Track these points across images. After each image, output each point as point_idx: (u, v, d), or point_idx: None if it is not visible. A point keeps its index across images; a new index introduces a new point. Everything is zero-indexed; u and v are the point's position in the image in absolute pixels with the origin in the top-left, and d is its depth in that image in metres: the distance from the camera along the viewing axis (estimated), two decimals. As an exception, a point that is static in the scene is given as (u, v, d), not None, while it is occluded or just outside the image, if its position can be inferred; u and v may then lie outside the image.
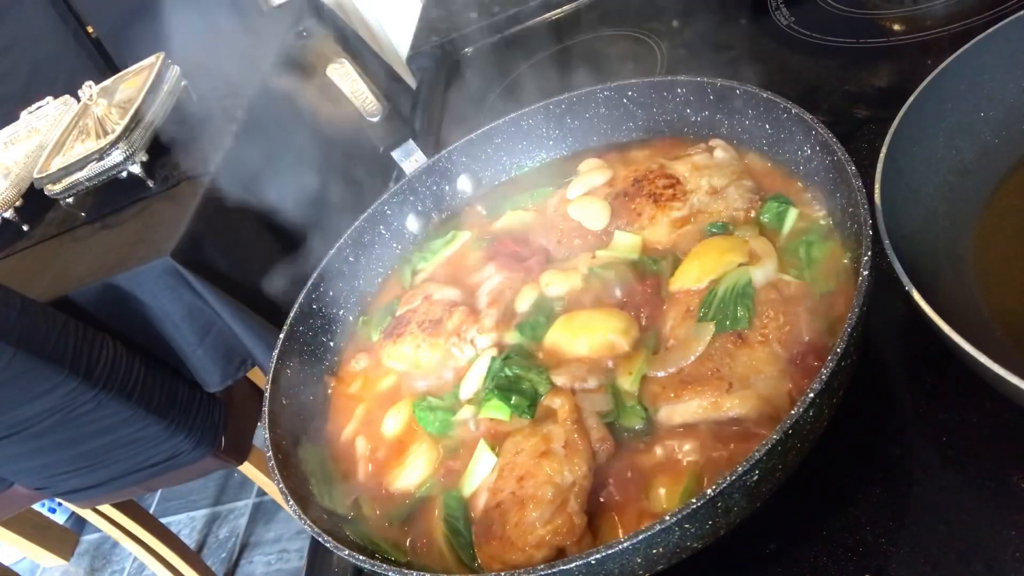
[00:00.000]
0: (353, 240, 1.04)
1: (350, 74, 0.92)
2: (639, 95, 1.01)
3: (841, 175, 0.74)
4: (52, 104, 2.45)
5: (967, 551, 0.63)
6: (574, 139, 1.09)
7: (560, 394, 0.76)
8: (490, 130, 1.09)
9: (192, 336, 1.88)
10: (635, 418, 0.74)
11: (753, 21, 1.31)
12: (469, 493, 0.75)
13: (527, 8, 1.70)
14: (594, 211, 0.95)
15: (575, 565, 0.58)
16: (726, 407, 0.69)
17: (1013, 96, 0.84)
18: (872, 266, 0.65)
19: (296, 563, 2.66)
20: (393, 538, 0.77)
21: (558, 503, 0.68)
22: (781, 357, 0.71)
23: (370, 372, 0.95)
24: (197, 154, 2.05)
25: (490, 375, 0.83)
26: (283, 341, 0.91)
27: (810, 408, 0.59)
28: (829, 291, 0.75)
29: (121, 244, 1.89)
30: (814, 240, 0.80)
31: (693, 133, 0.99)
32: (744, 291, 0.76)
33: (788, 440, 0.59)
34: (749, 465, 0.57)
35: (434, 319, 0.90)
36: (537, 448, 0.72)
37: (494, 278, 0.94)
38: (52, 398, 1.67)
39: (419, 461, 0.81)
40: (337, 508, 0.80)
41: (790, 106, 0.83)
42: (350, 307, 1.03)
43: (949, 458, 0.69)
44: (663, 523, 0.57)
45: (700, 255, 0.82)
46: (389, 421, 0.86)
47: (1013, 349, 0.70)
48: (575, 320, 0.83)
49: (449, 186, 1.11)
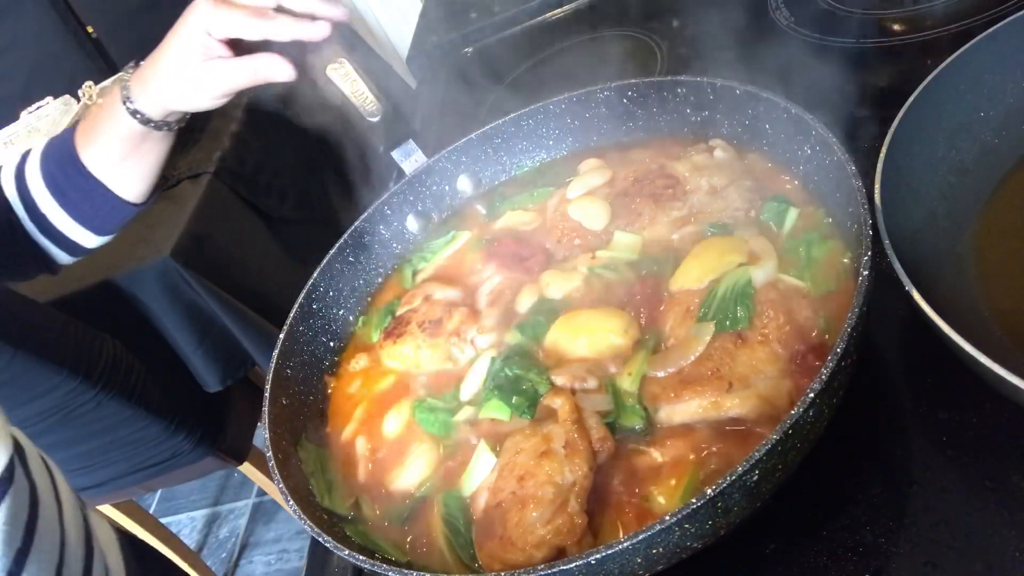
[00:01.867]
0: (353, 240, 1.04)
1: (350, 74, 0.91)
2: (639, 95, 1.01)
3: (841, 175, 0.74)
4: (52, 104, 2.45)
5: (967, 551, 0.63)
6: (574, 139, 1.09)
7: (560, 394, 0.76)
8: (490, 130, 1.09)
9: (192, 336, 1.88)
10: (635, 418, 0.74)
11: (753, 21, 1.31)
12: (469, 493, 0.75)
13: (527, 8, 1.70)
14: (594, 211, 0.95)
15: (575, 565, 0.58)
16: (726, 407, 0.69)
17: (1013, 96, 0.84)
18: (872, 266, 0.65)
19: (296, 563, 2.66)
20: (393, 538, 0.77)
21: (558, 503, 0.68)
22: (781, 357, 0.71)
23: (370, 372, 0.95)
24: (197, 154, 2.05)
25: (490, 375, 0.83)
26: (283, 341, 0.91)
27: (810, 408, 0.59)
28: (829, 291, 0.75)
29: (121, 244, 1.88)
30: (814, 240, 0.80)
31: (693, 133, 0.99)
32: (744, 291, 0.76)
33: (788, 440, 0.59)
34: (749, 465, 0.57)
35: (434, 319, 0.90)
36: (537, 448, 0.72)
37: (494, 278, 0.94)
38: (52, 398, 1.67)
39: (419, 461, 0.81)
40: (337, 508, 0.80)
41: (790, 106, 0.83)
42: (350, 307, 1.03)
43: (949, 458, 0.69)
44: (663, 523, 0.57)
45: (700, 255, 0.82)
46: (389, 421, 0.86)
47: (1013, 349, 0.70)
48: (575, 320, 0.83)
49: (449, 186, 1.11)
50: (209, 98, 0.93)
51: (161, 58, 0.92)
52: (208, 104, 0.95)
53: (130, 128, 0.96)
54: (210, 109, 0.96)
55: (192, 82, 0.91)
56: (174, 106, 0.95)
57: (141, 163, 1.01)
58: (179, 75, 0.91)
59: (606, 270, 0.87)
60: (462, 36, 1.77)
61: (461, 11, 1.84)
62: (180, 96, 0.93)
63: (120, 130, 0.97)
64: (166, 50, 0.91)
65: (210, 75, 0.90)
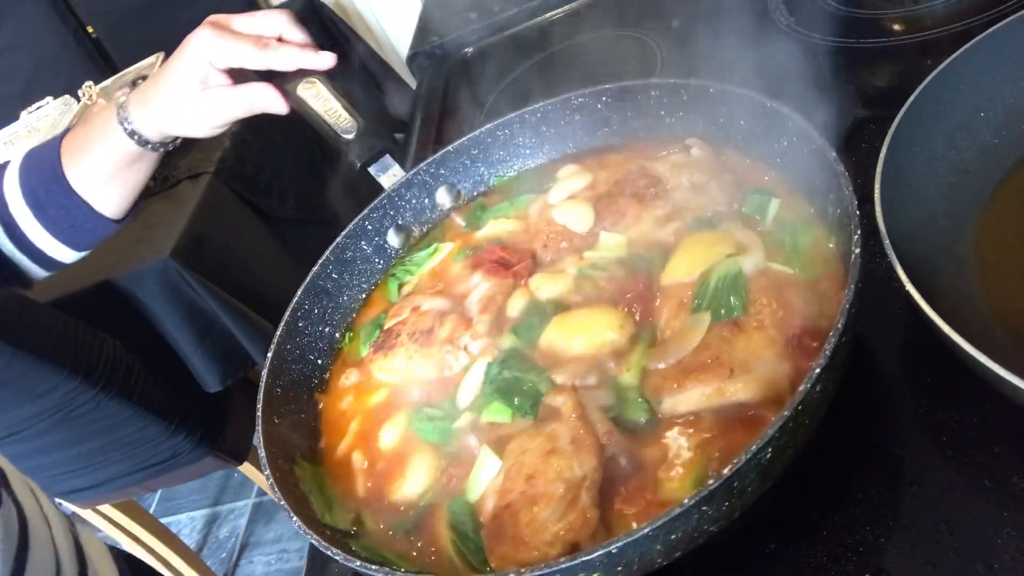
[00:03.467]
0: (335, 257, 1.03)
1: (321, 93, 0.92)
2: (613, 100, 1.02)
3: (821, 162, 0.75)
4: (52, 104, 2.45)
5: (967, 551, 0.63)
6: (550, 147, 1.10)
7: (562, 392, 0.76)
8: (467, 141, 1.09)
9: (192, 336, 1.88)
10: (639, 411, 0.74)
11: (753, 21, 1.31)
12: (475, 498, 0.75)
13: (527, 8, 1.70)
14: (579, 214, 0.95)
15: (596, 555, 0.58)
16: (730, 392, 0.70)
17: (1013, 96, 0.84)
18: (863, 244, 0.66)
19: (296, 563, 2.66)
20: (399, 549, 0.76)
21: (569, 499, 0.68)
22: (778, 341, 0.72)
23: (361, 387, 0.94)
24: (197, 154, 2.05)
25: (488, 379, 0.83)
26: (271, 360, 0.90)
27: (816, 383, 0.60)
28: (817, 276, 0.76)
29: (121, 244, 1.89)
30: (798, 228, 0.81)
31: (668, 135, 0.99)
32: (736, 280, 0.77)
33: (798, 416, 0.60)
34: (763, 442, 0.58)
35: (425, 329, 0.90)
36: (543, 447, 0.72)
37: (482, 285, 0.94)
38: (52, 398, 1.67)
39: (420, 471, 0.80)
40: (339, 524, 0.80)
41: (765, 100, 0.83)
42: (335, 324, 1.03)
43: (949, 458, 0.69)
44: (682, 507, 0.57)
45: (689, 248, 0.83)
46: (386, 434, 0.86)
47: (1013, 349, 0.70)
48: (570, 320, 0.83)
49: (428, 199, 1.10)
50: (206, 127, 0.93)
51: (161, 83, 0.92)
52: (204, 132, 0.94)
53: (125, 148, 0.95)
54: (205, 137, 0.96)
55: (190, 110, 0.91)
56: (170, 131, 0.95)
57: (128, 182, 1.00)
58: (178, 102, 0.91)
59: (595, 270, 0.87)
60: (462, 36, 1.77)
61: (461, 11, 1.84)
62: (176, 122, 0.93)
63: (114, 150, 0.95)
64: (167, 75, 0.91)
65: (208, 104, 0.90)
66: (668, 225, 0.89)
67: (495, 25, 1.73)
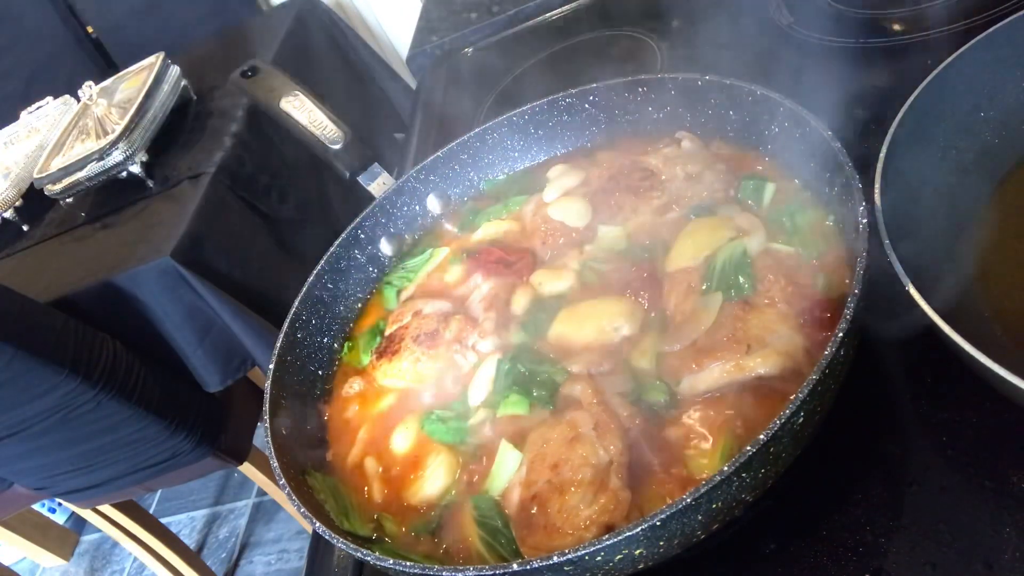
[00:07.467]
0: (330, 267, 1.02)
1: (305, 105, 0.91)
2: (600, 99, 1.02)
3: (815, 142, 0.76)
4: (52, 104, 2.45)
5: (967, 551, 0.63)
6: (539, 148, 1.10)
7: (579, 380, 0.77)
8: (455, 147, 1.09)
9: (192, 336, 1.88)
10: (658, 392, 0.74)
11: (753, 21, 1.31)
12: (499, 492, 0.74)
13: (527, 8, 1.70)
14: (576, 209, 0.96)
15: (641, 530, 0.58)
16: (750, 367, 0.71)
17: (1013, 96, 0.84)
18: (869, 216, 0.68)
19: (296, 563, 2.66)
20: (424, 550, 0.75)
21: (599, 483, 0.68)
22: (790, 315, 0.73)
23: (366, 394, 0.93)
24: (197, 154, 2.05)
25: (501, 375, 0.82)
26: (274, 371, 0.90)
27: (840, 347, 0.62)
28: (820, 252, 0.78)
29: (121, 244, 1.89)
30: (796, 209, 0.82)
31: (656, 130, 1.00)
32: (742, 260, 0.78)
33: (825, 380, 0.61)
34: (795, 406, 0.59)
35: (429, 331, 0.90)
36: (565, 435, 0.72)
37: (484, 285, 0.94)
38: (52, 398, 1.67)
39: (439, 471, 0.80)
40: (359, 531, 0.79)
41: (755, 88, 0.85)
42: (333, 334, 1.02)
43: (949, 458, 0.69)
44: (722, 474, 0.58)
45: (691, 234, 0.84)
46: (398, 438, 0.85)
47: (1013, 349, 0.70)
48: (578, 311, 0.84)
49: (419, 206, 1.10)
50: None
51: None
52: None
53: None
54: None
55: None
56: None
57: None
58: None
59: (597, 262, 0.88)
60: (462, 36, 1.77)
61: (461, 11, 1.84)
62: None
63: None
64: None
65: None
66: (666, 214, 0.90)
67: (495, 25, 1.73)
